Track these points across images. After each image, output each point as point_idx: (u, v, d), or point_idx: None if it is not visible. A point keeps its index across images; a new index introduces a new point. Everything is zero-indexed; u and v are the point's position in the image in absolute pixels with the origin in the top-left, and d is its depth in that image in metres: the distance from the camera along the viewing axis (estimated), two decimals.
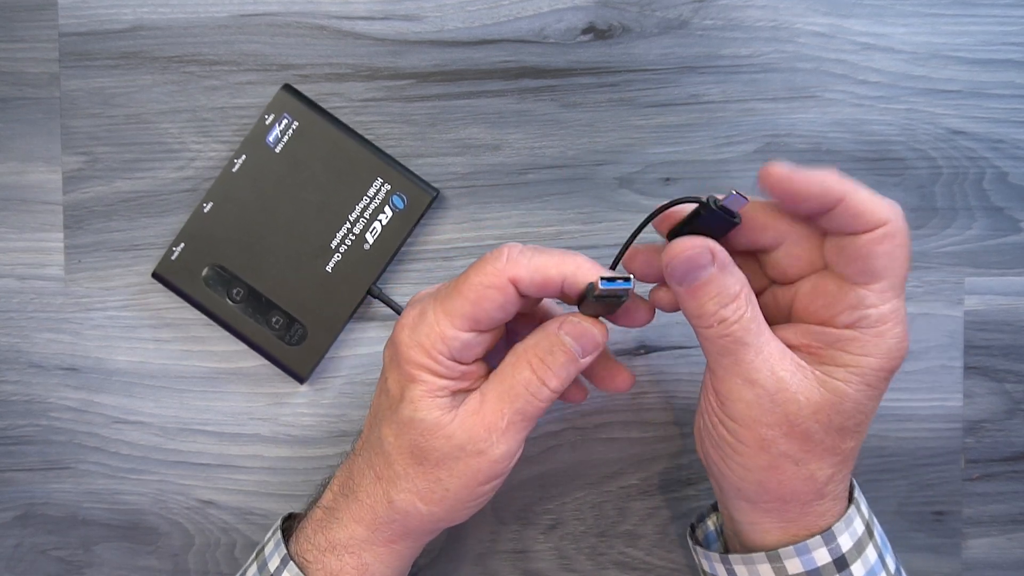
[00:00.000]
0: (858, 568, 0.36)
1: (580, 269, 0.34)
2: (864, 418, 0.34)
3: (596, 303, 0.34)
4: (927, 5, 0.46)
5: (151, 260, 0.45)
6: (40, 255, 0.46)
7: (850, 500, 0.37)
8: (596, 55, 0.45)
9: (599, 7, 0.45)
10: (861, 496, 0.38)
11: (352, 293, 0.45)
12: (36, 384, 0.46)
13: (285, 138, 0.44)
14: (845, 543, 0.36)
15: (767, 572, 0.37)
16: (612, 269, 0.35)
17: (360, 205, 0.44)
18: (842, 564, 0.36)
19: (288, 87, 0.44)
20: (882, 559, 0.37)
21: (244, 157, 0.44)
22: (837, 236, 0.33)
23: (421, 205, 0.45)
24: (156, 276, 0.45)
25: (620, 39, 0.45)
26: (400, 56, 0.45)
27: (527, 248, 0.34)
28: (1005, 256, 0.46)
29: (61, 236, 0.46)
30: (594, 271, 0.34)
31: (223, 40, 0.45)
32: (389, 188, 0.44)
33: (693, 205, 0.33)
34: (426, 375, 0.35)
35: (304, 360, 0.45)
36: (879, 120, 0.46)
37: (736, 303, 0.33)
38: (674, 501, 0.47)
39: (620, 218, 0.46)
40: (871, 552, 0.37)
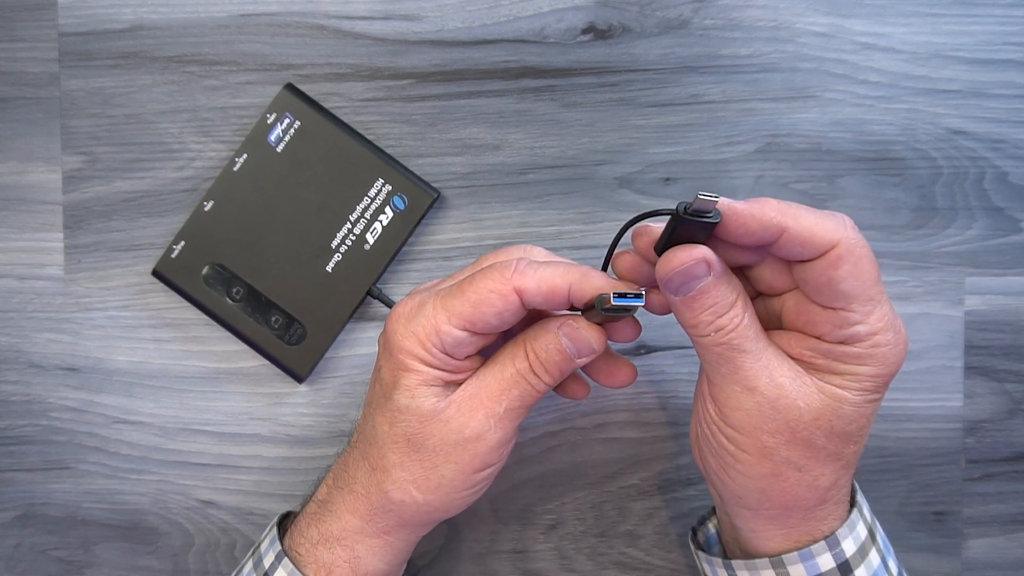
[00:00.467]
0: (861, 573, 0.36)
1: (586, 277, 0.33)
2: (865, 422, 0.34)
3: (602, 314, 0.34)
4: (928, 5, 0.46)
5: (151, 260, 0.45)
6: (40, 255, 0.46)
7: (852, 503, 0.37)
8: (596, 55, 0.45)
9: (599, 7, 0.45)
10: (863, 499, 0.38)
11: (352, 293, 0.45)
12: (36, 384, 0.46)
13: (287, 138, 0.44)
14: (849, 548, 0.36)
15: None
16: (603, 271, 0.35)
17: (361, 205, 0.44)
18: (846, 569, 0.36)
19: (290, 87, 0.44)
20: (885, 563, 0.37)
21: (245, 156, 0.44)
22: (795, 264, 0.33)
23: (422, 207, 0.45)
24: (156, 274, 0.45)
25: (620, 39, 0.45)
26: (400, 56, 0.45)
27: (535, 261, 0.34)
28: (1005, 256, 0.46)
29: (61, 236, 0.46)
30: (607, 284, 0.33)
31: (223, 40, 0.45)
32: (390, 189, 0.44)
33: (667, 217, 0.32)
34: (419, 364, 0.35)
35: (303, 360, 0.45)
36: (879, 120, 0.46)
37: (733, 311, 0.33)
38: (674, 501, 0.47)
39: (620, 218, 0.46)
40: (874, 556, 0.37)
